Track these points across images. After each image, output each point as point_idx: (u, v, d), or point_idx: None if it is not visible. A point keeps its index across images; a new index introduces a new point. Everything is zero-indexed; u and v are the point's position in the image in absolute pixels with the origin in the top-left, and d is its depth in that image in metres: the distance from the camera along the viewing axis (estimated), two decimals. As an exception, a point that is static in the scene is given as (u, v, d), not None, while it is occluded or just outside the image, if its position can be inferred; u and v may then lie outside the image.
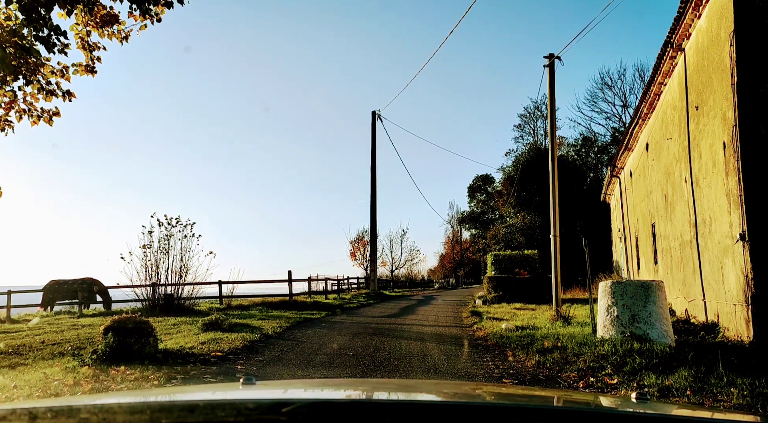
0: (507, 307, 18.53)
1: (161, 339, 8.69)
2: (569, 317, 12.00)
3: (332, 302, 22.31)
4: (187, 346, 8.84)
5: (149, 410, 1.28)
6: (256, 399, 1.40)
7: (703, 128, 9.40)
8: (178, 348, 8.61)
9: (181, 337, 10.40)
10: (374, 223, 30.85)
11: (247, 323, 13.20)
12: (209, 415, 1.27)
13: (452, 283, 65.93)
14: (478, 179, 58.61)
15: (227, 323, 12.15)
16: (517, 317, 14.24)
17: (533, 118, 49.20)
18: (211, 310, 18.67)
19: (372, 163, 30.59)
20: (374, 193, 30.62)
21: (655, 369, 6.70)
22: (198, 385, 6.10)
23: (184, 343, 9.38)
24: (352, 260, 53.13)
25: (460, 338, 11.07)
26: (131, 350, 7.52)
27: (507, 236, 35.35)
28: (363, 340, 10.78)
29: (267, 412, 1.26)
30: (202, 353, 8.24)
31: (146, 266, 18.25)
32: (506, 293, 21.75)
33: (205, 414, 1.27)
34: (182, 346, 8.80)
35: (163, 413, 1.27)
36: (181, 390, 2.32)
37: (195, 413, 1.27)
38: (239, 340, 9.86)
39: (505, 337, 10.18)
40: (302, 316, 16.03)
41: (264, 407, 1.29)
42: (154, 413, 1.26)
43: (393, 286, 47.14)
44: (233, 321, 13.18)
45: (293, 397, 1.62)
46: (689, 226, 10.63)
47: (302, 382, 3.67)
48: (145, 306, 18.17)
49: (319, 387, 2.33)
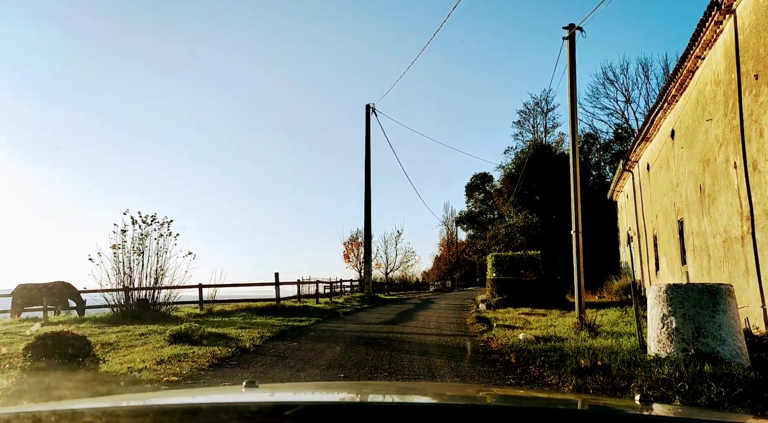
0: (514, 312, 16.91)
1: (105, 359, 7.01)
2: (595, 326, 10.38)
3: (324, 307, 20.63)
4: (138, 367, 7.14)
5: (152, 413, 1.28)
6: (259, 402, 1.42)
7: (765, 101, 7.82)
8: (126, 370, 6.92)
9: (139, 353, 8.71)
10: (368, 222, 29.23)
11: (224, 333, 11.52)
12: (212, 418, 1.26)
13: (448, 286, 64.30)
14: (476, 178, 56.82)
15: (199, 334, 10.47)
16: (531, 325, 12.61)
17: (533, 115, 47.73)
18: (189, 316, 16.97)
19: (366, 158, 28.97)
20: (368, 191, 29.01)
21: (741, 401, 5.10)
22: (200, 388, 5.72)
23: (138, 361, 7.69)
24: (346, 262, 51.32)
25: (470, 352, 9.44)
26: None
27: (507, 236, 33.76)
28: (357, 353, 9.13)
29: (270, 415, 1.25)
30: (151, 379, 6.54)
31: (117, 269, 16.52)
32: (511, 296, 20.14)
33: (207, 417, 1.27)
34: (132, 367, 7.11)
35: (166, 416, 1.26)
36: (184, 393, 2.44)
37: (198, 416, 1.27)
38: (207, 357, 8.18)
39: (526, 350, 8.56)
40: (289, 323, 14.35)
41: (267, 410, 1.29)
42: (157, 416, 1.26)
43: (388, 288, 45.46)
44: (208, 331, 11.50)
45: (296, 399, 1.62)
46: (740, 220, 9.04)
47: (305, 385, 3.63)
48: (116, 312, 16.45)
49: (322, 390, 2.27)
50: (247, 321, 14.89)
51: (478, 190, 56.89)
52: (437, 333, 12.46)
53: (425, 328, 13.82)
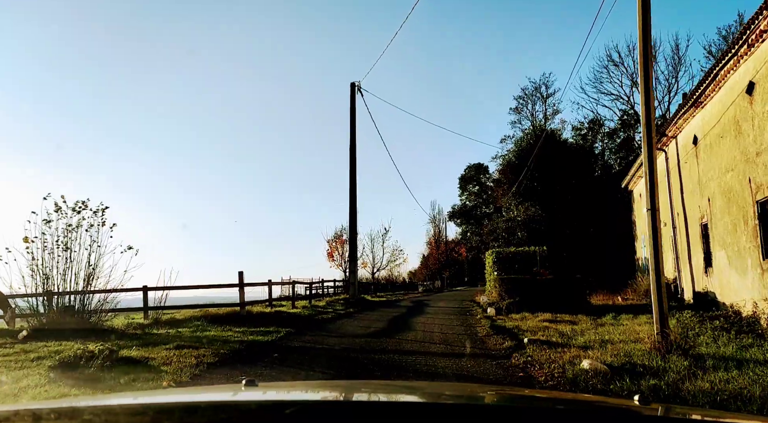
0: (534, 320, 13.66)
1: None
2: (687, 346, 7.10)
3: (301, 312, 17.23)
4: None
5: (151, 411, 1.27)
6: (259, 400, 1.43)
7: None
8: None
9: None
10: (354, 214, 25.76)
11: (146, 357, 8.08)
12: (212, 416, 1.25)
13: (437, 286, 61.07)
14: (471, 169, 53.29)
15: (102, 361, 7.04)
16: (574, 339, 9.29)
17: (532, 101, 44.46)
18: (129, 326, 13.50)
19: (351, 143, 25.55)
20: (354, 179, 25.58)
21: None
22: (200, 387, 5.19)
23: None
24: (330, 261, 47.82)
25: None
26: None
27: (507, 231, 30.56)
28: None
29: (269, 414, 1.24)
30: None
31: (34, 268, 12.96)
32: (524, 299, 16.89)
33: (207, 415, 1.26)
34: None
35: (164, 414, 1.25)
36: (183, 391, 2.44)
37: (197, 414, 1.26)
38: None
39: (610, 392, 5.30)
40: (250, 337, 10.92)
41: (266, 408, 1.28)
42: (156, 414, 1.25)
43: (375, 289, 42.07)
44: (125, 354, 8.08)
45: (295, 398, 1.61)
46: None
47: (305, 384, 3.77)
48: (32, 324, 12.91)
49: (322, 388, 2.20)
50: (197, 334, 11.46)
51: (472, 183, 53.31)
52: (447, 352, 9.14)
53: (429, 342, 10.50)
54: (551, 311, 15.32)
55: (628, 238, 27.21)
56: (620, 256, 27.45)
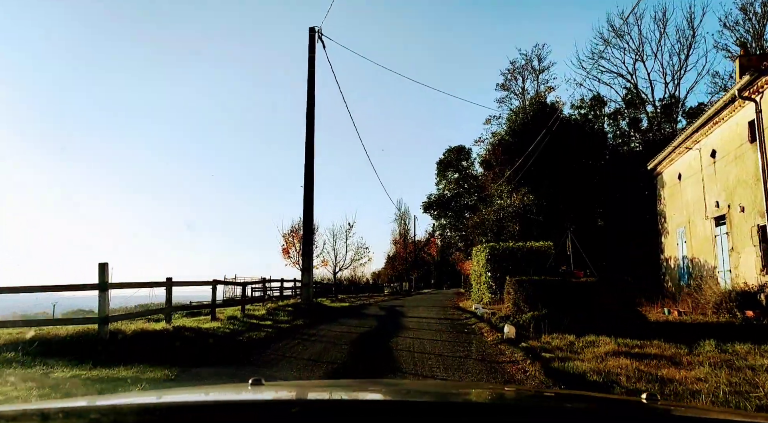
0: (593, 350, 8.19)
1: None
2: None
3: (217, 329, 11.29)
4: None
5: (160, 410, 1.26)
6: (265, 399, 1.41)
7: None
8: None
9: None
10: (310, 199, 19.81)
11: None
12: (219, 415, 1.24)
13: (405, 288, 55.55)
14: (451, 152, 47.35)
15: None
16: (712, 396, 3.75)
17: (521, 75, 39.28)
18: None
19: (309, 101, 19.65)
20: (311, 152, 19.69)
21: None
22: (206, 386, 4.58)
23: None
24: (285, 258, 41.42)
25: None
26: None
27: (498, 224, 25.17)
28: None
29: (276, 412, 1.23)
30: None
31: None
32: (553, 310, 11.41)
33: (214, 414, 1.25)
34: None
35: (173, 413, 1.23)
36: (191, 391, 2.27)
37: (205, 413, 1.25)
38: None
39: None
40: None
41: (273, 407, 1.28)
42: (164, 413, 1.23)
43: (336, 291, 36.22)
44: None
45: (301, 397, 1.59)
46: None
47: (310, 383, 3.67)
48: None
49: (328, 388, 2.14)
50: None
51: (452, 169, 47.39)
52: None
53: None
54: (601, 331, 9.85)
55: (648, 233, 22.15)
56: (637, 255, 22.38)
